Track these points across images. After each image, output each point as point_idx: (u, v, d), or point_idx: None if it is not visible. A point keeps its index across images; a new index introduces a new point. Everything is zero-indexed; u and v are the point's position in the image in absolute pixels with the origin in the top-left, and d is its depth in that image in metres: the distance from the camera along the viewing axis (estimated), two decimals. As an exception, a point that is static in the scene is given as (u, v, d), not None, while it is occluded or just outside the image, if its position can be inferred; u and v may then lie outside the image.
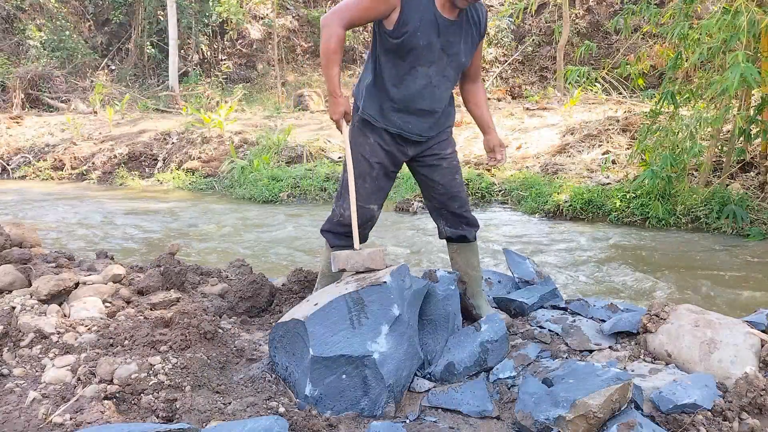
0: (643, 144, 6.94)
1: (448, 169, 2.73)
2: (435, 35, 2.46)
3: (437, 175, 2.72)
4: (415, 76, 2.50)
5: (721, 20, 5.33)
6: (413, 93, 2.53)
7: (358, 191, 2.61)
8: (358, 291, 2.24)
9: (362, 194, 2.63)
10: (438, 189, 2.75)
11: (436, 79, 2.54)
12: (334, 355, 2.12)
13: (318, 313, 2.19)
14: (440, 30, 2.46)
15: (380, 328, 2.18)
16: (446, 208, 2.77)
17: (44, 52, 15.90)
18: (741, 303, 4.31)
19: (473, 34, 2.57)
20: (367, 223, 2.71)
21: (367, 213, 2.67)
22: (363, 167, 2.62)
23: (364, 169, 2.62)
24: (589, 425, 1.86)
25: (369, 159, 2.62)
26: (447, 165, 2.73)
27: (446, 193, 2.74)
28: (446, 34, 2.48)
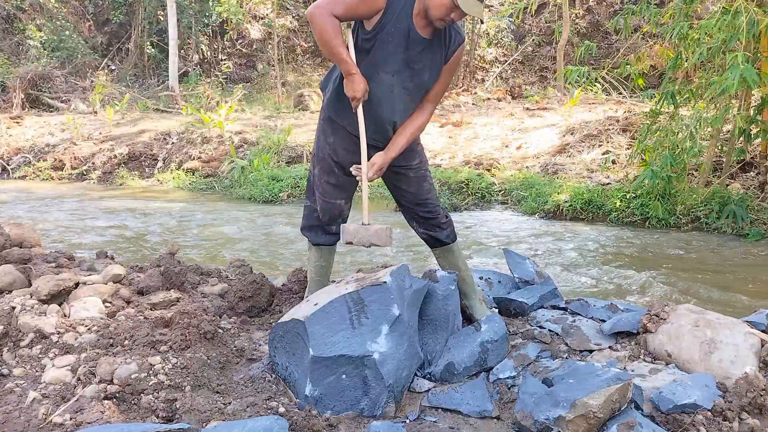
0: (643, 144, 6.94)
1: (414, 178, 2.75)
2: (403, 47, 2.45)
3: (404, 184, 2.75)
4: (379, 81, 2.49)
5: (720, 20, 5.33)
6: (374, 97, 2.51)
7: (324, 187, 2.69)
8: (358, 291, 2.24)
9: (328, 190, 2.69)
10: (406, 196, 2.79)
11: (397, 90, 2.53)
12: (334, 355, 2.12)
13: (318, 313, 2.20)
14: (409, 44, 2.45)
15: (380, 328, 2.18)
16: (415, 212, 2.81)
17: (44, 52, 15.90)
18: (741, 303, 4.31)
19: (440, 57, 2.53)
20: (336, 219, 2.75)
21: (335, 208, 2.73)
22: (327, 165, 2.68)
23: (328, 166, 2.67)
24: (589, 425, 1.86)
25: (332, 158, 2.66)
26: (414, 174, 2.74)
27: (414, 200, 2.77)
28: (413, 49, 2.46)
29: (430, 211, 2.79)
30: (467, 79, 15.75)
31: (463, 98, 13.85)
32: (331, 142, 2.66)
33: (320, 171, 2.70)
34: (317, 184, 2.71)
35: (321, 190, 2.70)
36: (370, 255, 5.30)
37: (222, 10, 15.97)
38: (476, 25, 16.19)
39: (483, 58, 16.66)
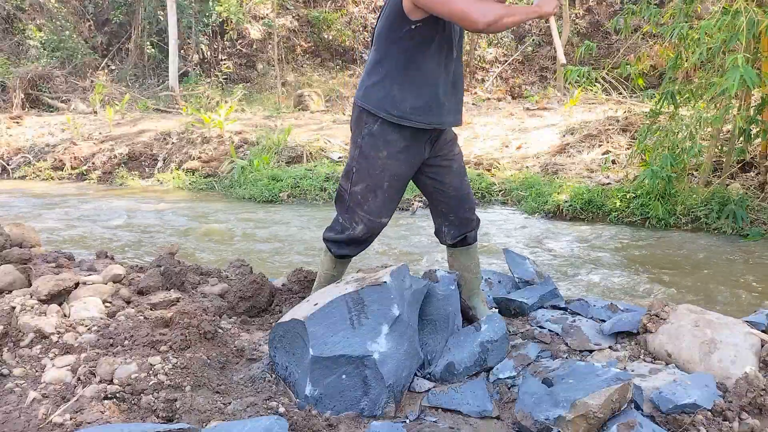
0: (643, 144, 6.94)
1: (457, 170, 2.65)
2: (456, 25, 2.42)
3: (448, 177, 2.61)
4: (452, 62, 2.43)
5: (720, 20, 5.33)
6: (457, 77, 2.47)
7: (369, 207, 2.52)
8: (358, 291, 2.24)
9: (374, 209, 2.52)
10: (448, 192, 2.64)
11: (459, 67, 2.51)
12: (334, 355, 2.12)
13: (318, 313, 2.20)
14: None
15: (380, 328, 2.18)
16: (454, 212, 2.67)
17: (44, 52, 15.90)
18: (741, 303, 4.31)
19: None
20: (376, 236, 2.64)
21: (379, 227, 2.59)
22: (377, 181, 2.49)
23: (376, 183, 2.49)
24: (589, 425, 1.86)
25: (385, 172, 2.48)
26: (457, 166, 2.65)
27: (457, 195, 2.63)
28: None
29: (471, 208, 2.69)
30: (467, 79, 15.74)
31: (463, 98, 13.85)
32: (386, 155, 2.46)
33: (367, 189, 2.50)
34: (361, 203, 2.53)
35: (367, 209, 2.52)
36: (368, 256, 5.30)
37: (222, 10, 15.97)
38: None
39: (483, 58, 16.66)
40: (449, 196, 2.66)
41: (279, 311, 3.02)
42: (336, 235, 2.63)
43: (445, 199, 2.68)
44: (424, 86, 2.39)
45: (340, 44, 17.78)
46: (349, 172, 2.56)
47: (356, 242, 2.62)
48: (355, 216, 2.56)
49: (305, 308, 2.30)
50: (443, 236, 2.79)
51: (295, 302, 2.98)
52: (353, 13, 17.97)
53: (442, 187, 2.65)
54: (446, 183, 2.64)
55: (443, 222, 2.74)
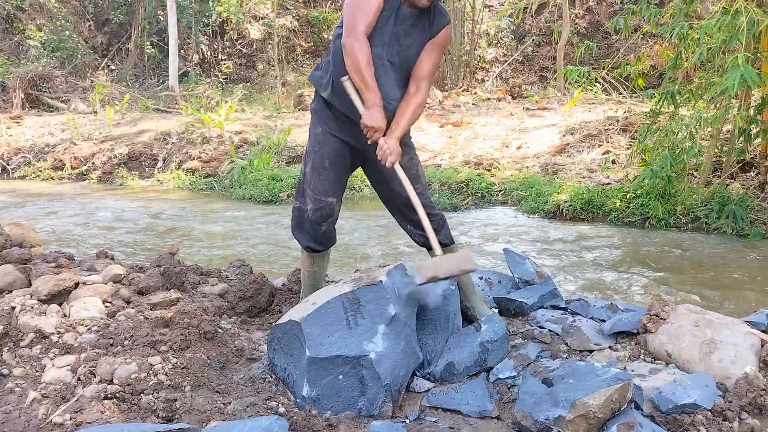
0: (643, 144, 6.94)
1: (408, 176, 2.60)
2: (393, 21, 2.51)
3: (396, 184, 2.59)
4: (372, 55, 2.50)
5: (720, 20, 5.32)
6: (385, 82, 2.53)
7: (315, 184, 2.63)
8: (354, 291, 2.24)
9: (319, 187, 2.63)
10: (399, 198, 2.66)
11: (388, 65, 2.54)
12: (331, 356, 2.12)
13: (314, 314, 2.20)
14: (398, 19, 2.52)
15: (377, 327, 2.18)
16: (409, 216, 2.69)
17: (44, 52, 15.89)
18: (741, 303, 4.31)
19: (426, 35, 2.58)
20: (327, 218, 2.68)
21: (327, 206, 2.65)
22: (319, 159, 2.63)
23: (320, 160, 2.63)
24: (589, 425, 1.86)
25: (323, 149, 2.63)
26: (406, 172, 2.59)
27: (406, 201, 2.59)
28: (402, 24, 2.53)
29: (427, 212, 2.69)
30: (467, 79, 15.75)
31: (463, 98, 13.85)
32: (322, 131, 2.64)
33: (312, 167, 2.65)
34: (309, 182, 2.66)
35: (312, 186, 2.65)
36: (368, 256, 5.30)
37: (222, 10, 15.96)
38: (476, 25, 16.19)
39: (483, 58, 16.66)
40: (400, 201, 2.68)
41: (279, 311, 3.03)
42: (295, 223, 2.76)
43: (397, 204, 2.72)
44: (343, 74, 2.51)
45: (340, 44, 17.75)
46: (304, 155, 2.73)
47: (312, 226, 2.69)
48: (306, 196, 2.68)
49: (302, 309, 2.30)
50: (412, 237, 2.83)
51: (295, 302, 2.98)
52: (353, 13, 17.95)
53: (390, 194, 2.71)
54: (391, 189, 2.67)
55: (403, 223, 2.81)
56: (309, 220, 2.69)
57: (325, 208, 2.66)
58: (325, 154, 2.63)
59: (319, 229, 2.71)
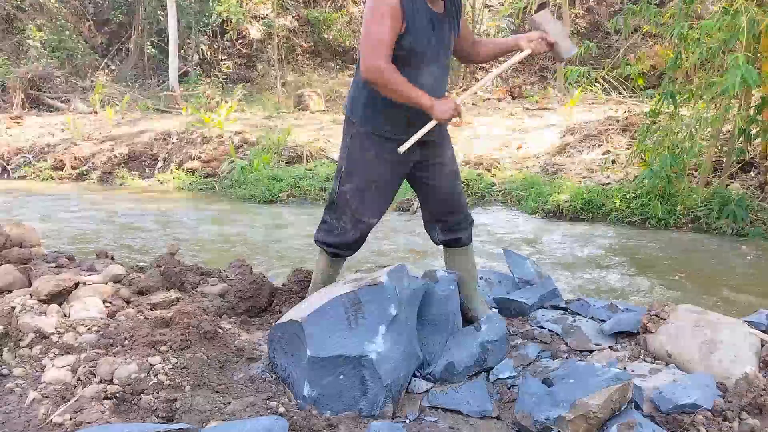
0: (643, 144, 6.94)
1: (448, 173, 2.66)
2: (431, 31, 2.45)
3: (437, 179, 2.62)
4: (423, 77, 2.46)
5: (720, 20, 5.33)
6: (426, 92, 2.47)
7: (359, 207, 2.56)
8: (356, 291, 2.24)
9: (363, 210, 2.56)
10: (438, 195, 2.66)
11: (438, 73, 2.53)
12: (332, 356, 2.12)
13: (315, 313, 2.20)
14: (434, 25, 2.46)
15: (378, 328, 2.18)
16: (445, 213, 2.69)
17: (44, 52, 15.88)
18: (741, 303, 4.31)
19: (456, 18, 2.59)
20: (364, 239, 2.67)
21: (367, 228, 2.62)
22: (365, 182, 2.54)
23: (365, 183, 2.54)
24: (589, 425, 1.86)
25: (373, 172, 2.53)
26: (448, 171, 2.66)
27: (447, 197, 2.65)
28: (439, 28, 2.48)
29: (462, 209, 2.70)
30: (467, 79, 15.75)
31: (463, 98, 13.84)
32: (373, 155, 2.52)
33: (357, 189, 2.55)
34: (348, 202, 2.56)
35: (356, 209, 2.56)
36: (368, 256, 5.30)
37: (222, 10, 15.96)
38: (476, 25, 16.19)
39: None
40: (439, 197, 2.67)
41: (279, 311, 3.02)
42: (325, 235, 2.68)
43: (435, 200, 2.70)
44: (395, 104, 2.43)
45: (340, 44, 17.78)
46: (338, 172, 2.62)
47: (346, 243, 2.65)
48: (344, 216, 2.60)
49: (303, 309, 2.30)
50: (434, 235, 2.81)
51: (295, 302, 2.98)
52: (353, 13, 17.97)
53: (432, 188, 2.68)
54: (436, 185, 2.65)
55: (434, 222, 2.77)
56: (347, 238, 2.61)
57: (365, 229, 2.61)
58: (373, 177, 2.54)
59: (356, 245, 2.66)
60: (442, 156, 2.66)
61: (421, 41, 2.42)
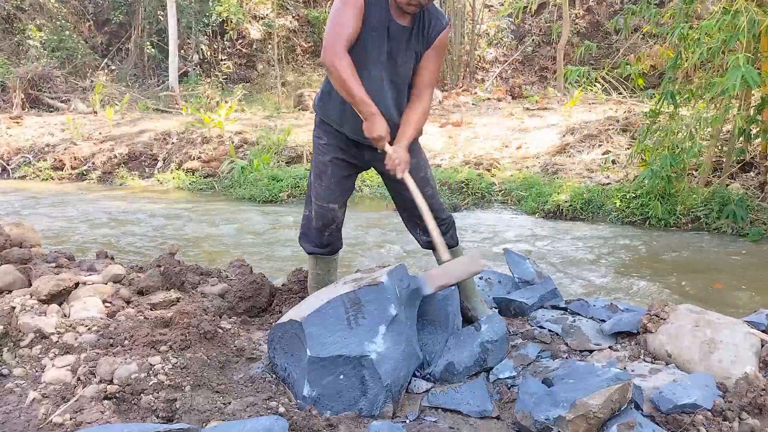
0: (643, 144, 6.94)
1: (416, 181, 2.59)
2: (385, 38, 2.45)
3: (405, 189, 2.58)
4: (369, 77, 2.46)
5: (721, 20, 5.33)
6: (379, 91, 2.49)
7: (317, 190, 2.66)
8: (355, 291, 2.24)
9: (321, 193, 2.66)
10: (407, 201, 2.63)
11: (387, 84, 2.51)
12: (332, 356, 2.12)
13: (315, 313, 2.20)
14: (390, 35, 2.45)
15: (377, 328, 2.18)
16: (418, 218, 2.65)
17: (44, 52, 15.88)
18: (741, 303, 4.31)
19: (418, 44, 2.51)
20: (330, 225, 2.70)
21: (328, 212, 2.67)
22: (320, 166, 2.66)
23: (321, 168, 2.66)
24: (589, 425, 1.86)
25: (323, 158, 2.65)
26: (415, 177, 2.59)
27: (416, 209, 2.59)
28: (396, 40, 2.46)
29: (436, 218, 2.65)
30: (467, 79, 15.75)
31: (463, 98, 13.85)
32: (325, 143, 2.66)
33: (315, 175, 2.69)
34: (313, 189, 2.70)
35: (315, 193, 2.68)
36: (368, 256, 5.30)
37: (222, 10, 15.96)
38: (476, 25, 16.19)
39: (483, 58, 16.66)
40: (408, 204, 2.66)
41: (279, 311, 3.02)
42: (302, 232, 2.79)
43: (405, 207, 2.71)
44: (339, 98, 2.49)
45: (340, 44, 17.73)
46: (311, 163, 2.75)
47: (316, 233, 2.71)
48: (311, 203, 2.71)
49: (303, 309, 2.30)
50: (417, 237, 2.82)
51: (295, 302, 2.98)
52: (353, 13, 17.94)
53: (398, 195, 2.69)
54: (402, 191, 2.62)
55: (412, 228, 2.80)
56: (313, 227, 2.73)
57: (327, 214, 2.68)
58: (327, 162, 2.65)
59: (322, 236, 2.73)
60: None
61: (371, 38, 2.44)
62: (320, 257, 2.81)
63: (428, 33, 2.51)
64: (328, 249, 2.79)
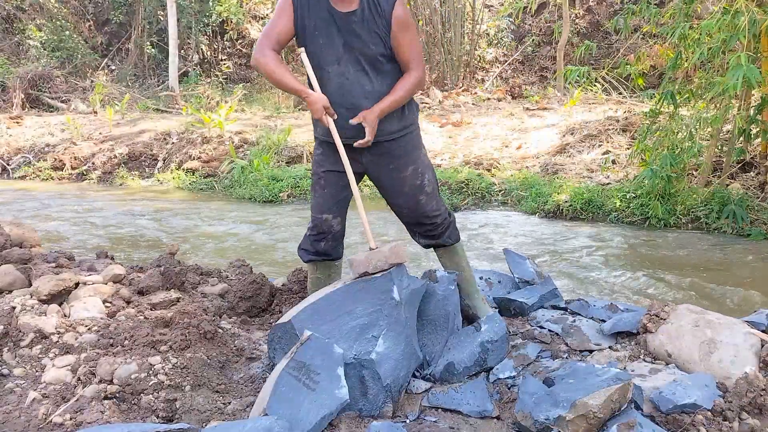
0: (642, 144, 6.94)
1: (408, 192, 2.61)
2: (335, 31, 2.42)
3: (396, 198, 2.64)
4: (328, 77, 2.47)
5: (721, 20, 5.32)
6: (332, 94, 2.46)
7: (312, 201, 2.69)
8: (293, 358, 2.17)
9: (314, 204, 2.68)
10: (404, 212, 2.68)
11: (353, 74, 2.47)
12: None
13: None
14: (338, 25, 2.41)
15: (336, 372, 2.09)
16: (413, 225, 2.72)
17: (44, 52, 15.89)
18: (741, 303, 4.31)
19: (377, 24, 2.42)
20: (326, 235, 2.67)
21: (323, 223, 2.65)
22: (314, 177, 2.69)
23: (315, 178, 2.69)
24: (589, 425, 1.86)
25: (318, 169, 2.67)
26: (407, 189, 2.61)
27: (410, 213, 2.66)
28: (346, 29, 2.41)
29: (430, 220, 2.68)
30: (467, 79, 15.74)
31: (463, 98, 13.84)
32: (319, 154, 2.68)
33: (311, 185, 2.73)
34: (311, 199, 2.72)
35: (311, 203, 2.71)
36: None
37: (222, 10, 15.96)
38: (476, 25, 16.19)
39: (483, 58, 16.65)
40: (402, 213, 2.70)
41: (279, 311, 3.03)
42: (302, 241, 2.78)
43: (400, 214, 2.73)
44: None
45: (340, 44, 17.74)
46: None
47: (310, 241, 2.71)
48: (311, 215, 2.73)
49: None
50: (417, 240, 2.82)
51: (295, 302, 2.98)
52: (353, 13, 17.95)
53: (393, 205, 2.71)
54: (394, 202, 2.68)
55: (409, 230, 2.80)
56: (308, 235, 2.74)
57: (321, 224, 2.66)
58: (320, 173, 2.66)
59: (317, 245, 2.70)
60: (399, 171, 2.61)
61: (314, 41, 2.44)
62: (319, 263, 2.78)
63: (382, 9, 2.42)
64: (324, 257, 2.75)
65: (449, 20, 15.31)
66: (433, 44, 15.48)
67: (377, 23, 2.42)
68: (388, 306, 2.24)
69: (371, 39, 2.43)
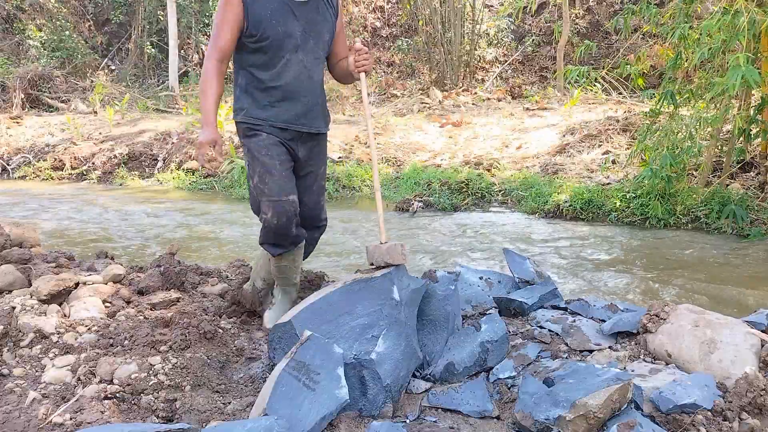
0: (642, 144, 6.94)
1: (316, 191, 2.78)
2: (292, 17, 2.47)
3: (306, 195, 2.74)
4: (291, 65, 2.50)
5: (721, 20, 5.33)
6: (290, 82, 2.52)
7: (270, 187, 2.57)
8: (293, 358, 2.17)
9: (274, 188, 2.57)
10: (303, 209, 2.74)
11: (310, 63, 2.56)
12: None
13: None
14: (295, 13, 2.47)
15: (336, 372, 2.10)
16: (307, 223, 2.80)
17: (44, 52, 15.90)
18: (741, 303, 4.31)
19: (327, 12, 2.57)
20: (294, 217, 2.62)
21: (289, 205, 2.60)
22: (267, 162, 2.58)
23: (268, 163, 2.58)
24: (589, 425, 1.86)
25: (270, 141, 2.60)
26: (317, 188, 2.78)
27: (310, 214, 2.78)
28: (303, 17, 2.49)
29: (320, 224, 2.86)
30: (467, 79, 15.75)
31: (463, 98, 13.85)
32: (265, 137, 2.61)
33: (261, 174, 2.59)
34: (264, 191, 2.58)
35: (268, 192, 2.57)
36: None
37: (222, 10, 15.95)
38: (476, 25, 16.19)
39: (483, 58, 16.66)
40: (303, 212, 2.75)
41: (279, 311, 3.02)
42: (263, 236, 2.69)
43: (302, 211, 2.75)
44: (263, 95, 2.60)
45: (340, 44, 17.75)
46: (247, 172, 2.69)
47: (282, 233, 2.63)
48: (263, 205, 2.61)
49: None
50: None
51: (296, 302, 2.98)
52: (353, 13, 17.97)
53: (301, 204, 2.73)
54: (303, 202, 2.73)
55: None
56: (274, 229, 2.61)
57: (288, 207, 2.59)
58: (274, 155, 2.59)
59: (289, 232, 2.63)
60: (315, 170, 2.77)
61: (274, 29, 2.45)
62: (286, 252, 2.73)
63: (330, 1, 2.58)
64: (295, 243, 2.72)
65: (449, 20, 15.30)
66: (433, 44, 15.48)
67: (327, 8, 2.57)
68: (388, 306, 2.24)
69: (325, 27, 2.56)
